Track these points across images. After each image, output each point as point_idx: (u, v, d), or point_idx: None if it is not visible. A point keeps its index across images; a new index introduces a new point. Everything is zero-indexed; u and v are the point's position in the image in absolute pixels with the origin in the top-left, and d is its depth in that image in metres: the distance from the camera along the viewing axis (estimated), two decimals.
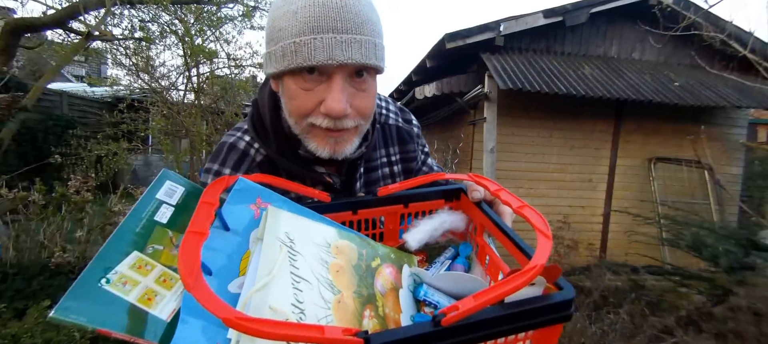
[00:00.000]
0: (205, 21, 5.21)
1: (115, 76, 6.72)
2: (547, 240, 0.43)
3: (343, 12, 0.56)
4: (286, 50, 0.57)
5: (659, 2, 4.38)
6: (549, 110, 4.64)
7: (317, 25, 0.55)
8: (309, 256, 0.49)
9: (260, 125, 0.73)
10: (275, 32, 0.58)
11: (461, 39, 4.34)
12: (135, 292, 0.44)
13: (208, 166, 0.74)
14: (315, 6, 0.55)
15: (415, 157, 0.93)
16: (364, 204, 0.63)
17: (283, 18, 0.57)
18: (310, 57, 0.55)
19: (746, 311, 2.19)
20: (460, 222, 0.64)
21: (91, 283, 0.43)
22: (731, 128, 5.16)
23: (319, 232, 0.54)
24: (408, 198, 0.65)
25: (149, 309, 0.43)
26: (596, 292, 2.91)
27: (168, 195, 0.54)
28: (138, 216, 0.50)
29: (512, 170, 4.68)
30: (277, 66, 0.59)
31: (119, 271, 0.45)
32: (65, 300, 0.40)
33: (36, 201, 2.84)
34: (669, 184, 4.94)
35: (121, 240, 0.47)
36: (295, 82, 0.60)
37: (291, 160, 0.70)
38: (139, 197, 0.51)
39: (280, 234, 0.49)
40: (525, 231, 0.54)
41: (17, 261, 2.72)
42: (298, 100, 0.60)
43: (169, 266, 0.48)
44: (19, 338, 1.69)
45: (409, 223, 0.65)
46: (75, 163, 5.53)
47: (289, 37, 0.56)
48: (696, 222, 3.08)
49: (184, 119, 4.58)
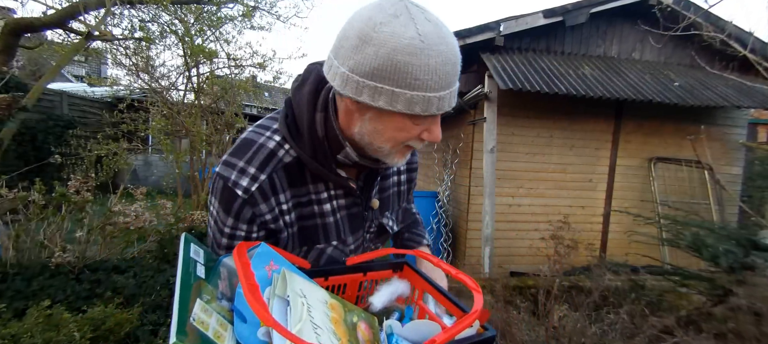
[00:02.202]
0: (205, 21, 5.22)
1: (115, 76, 6.73)
2: (479, 295, 0.63)
3: (457, 67, 0.66)
4: (420, 100, 0.63)
5: (659, 2, 4.38)
6: (549, 110, 4.64)
7: (448, 81, 0.64)
8: (317, 310, 0.62)
9: (294, 126, 0.75)
10: (405, 77, 0.62)
11: (461, 39, 4.34)
12: (210, 331, 0.54)
13: (232, 161, 0.73)
14: (448, 65, 0.63)
15: (416, 168, 0.99)
16: (334, 272, 0.76)
17: (419, 68, 0.61)
18: (440, 108, 0.65)
19: (746, 311, 2.19)
20: (406, 289, 0.80)
21: (185, 320, 0.52)
22: (731, 128, 5.16)
23: (318, 291, 0.67)
24: (367, 268, 0.79)
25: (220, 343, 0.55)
26: (596, 292, 2.91)
27: (196, 254, 0.65)
28: (187, 270, 0.60)
29: (512, 170, 4.68)
30: (401, 108, 0.64)
31: (196, 313, 0.54)
32: (178, 333, 0.49)
33: (36, 201, 2.84)
34: (669, 184, 4.94)
35: (186, 288, 0.57)
36: (411, 119, 0.67)
37: (321, 163, 0.74)
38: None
39: (298, 291, 0.62)
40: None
41: (17, 261, 2.72)
42: (409, 132, 0.69)
43: (219, 312, 0.58)
44: (19, 338, 1.69)
45: (364, 290, 0.80)
46: (75, 163, 5.53)
47: (426, 91, 0.63)
48: (696, 222, 3.08)
49: (184, 119, 4.58)
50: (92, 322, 1.94)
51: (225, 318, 0.57)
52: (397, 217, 0.96)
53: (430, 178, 6.00)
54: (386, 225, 0.91)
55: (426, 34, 0.60)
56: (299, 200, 0.77)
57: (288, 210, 0.75)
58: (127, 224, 3.01)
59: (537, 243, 4.37)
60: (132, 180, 6.46)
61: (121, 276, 2.68)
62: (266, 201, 0.72)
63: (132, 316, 2.16)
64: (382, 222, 0.90)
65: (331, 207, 0.80)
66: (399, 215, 0.97)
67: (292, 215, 0.76)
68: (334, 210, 0.80)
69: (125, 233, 3.06)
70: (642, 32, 4.78)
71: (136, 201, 3.25)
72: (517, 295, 3.19)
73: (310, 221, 0.78)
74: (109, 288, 2.56)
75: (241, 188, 0.71)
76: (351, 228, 0.83)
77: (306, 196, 0.77)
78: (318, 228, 0.79)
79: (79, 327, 1.84)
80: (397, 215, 0.96)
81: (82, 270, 2.70)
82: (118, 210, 3.04)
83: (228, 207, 0.72)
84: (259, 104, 9.06)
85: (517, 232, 4.76)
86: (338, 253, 0.82)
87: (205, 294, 0.58)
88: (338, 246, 0.82)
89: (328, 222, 0.80)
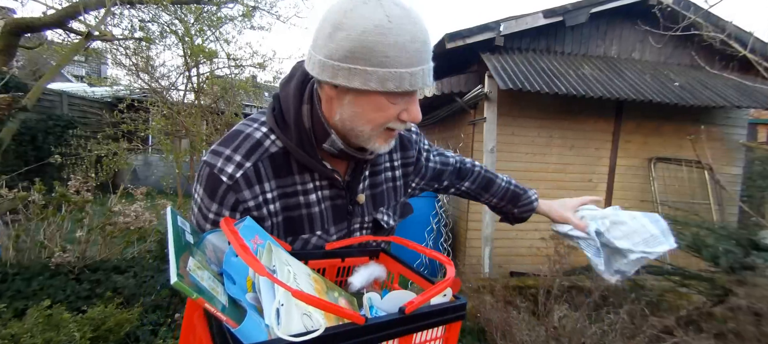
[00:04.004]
0: (205, 21, 5.22)
1: (115, 76, 6.73)
2: (451, 267, 0.68)
3: (428, 46, 0.69)
4: (392, 76, 0.67)
5: (659, 2, 4.38)
6: (549, 110, 4.64)
7: (418, 58, 0.68)
8: (301, 280, 0.65)
9: (281, 118, 0.78)
10: (377, 56, 0.66)
11: (461, 39, 4.34)
12: (205, 283, 0.56)
13: (219, 149, 0.75)
14: (417, 42, 0.67)
15: (413, 162, 1.00)
16: (313, 257, 0.79)
17: (389, 46, 0.65)
18: (413, 84, 0.68)
19: (746, 311, 2.19)
20: (383, 273, 0.84)
21: (181, 267, 0.54)
22: (731, 128, 5.16)
23: (302, 266, 0.71)
24: (345, 254, 0.83)
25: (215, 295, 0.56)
26: (596, 292, 2.91)
27: (183, 224, 0.67)
28: (177, 235, 0.61)
29: (512, 170, 4.68)
30: (375, 86, 0.67)
31: (191, 266, 0.56)
32: (178, 274, 0.51)
33: (36, 201, 2.84)
34: (669, 184, 4.94)
35: (179, 247, 0.58)
36: (387, 98, 0.70)
37: (307, 152, 0.77)
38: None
39: (284, 260, 0.65)
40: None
41: (17, 261, 2.72)
42: (388, 112, 0.72)
43: (210, 273, 0.60)
44: (19, 338, 1.69)
45: (343, 276, 0.83)
46: (75, 163, 5.53)
47: (395, 66, 0.66)
48: (696, 222, 3.07)
49: (184, 119, 4.58)
50: (92, 322, 1.94)
51: (216, 278, 0.60)
52: (395, 211, 0.97)
53: None
54: (381, 221, 0.92)
55: (394, 16, 0.65)
56: (285, 191, 0.78)
57: (272, 199, 0.77)
58: (127, 224, 3.01)
59: (537, 243, 4.36)
60: (132, 181, 6.46)
61: (121, 276, 2.68)
62: (250, 188, 0.74)
63: (132, 316, 2.16)
64: (377, 217, 0.91)
65: (316, 198, 0.82)
66: (396, 210, 0.98)
67: (277, 205, 0.78)
68: (319, 200, 0.82)
69: (125, 233, 3.06)
70: (642, 32, 4.78)
71: (136, 201, 3.26)
72: (517, 295, 3.19)
73: (295, 211, 0.80)
74: (109, 288, 2.56)
75: (226, 174, 0.73)
76: (334, 218, 0.85)
77: (292, 187, 0.79)
78: (303, 219, 0.81)
79: (79, 327, 1.84)
80: (394, 210, 0.96)
81: (82, 270, 2.70)
82: (118, 210, 3.04)
83: (213, 193, 0.74)
84: (259, 104, 9.05)
85: (517, 232, 4.76)
86: (322, 243, 0.84)
87: (196, 257, 0.60)
88: (322, 236, 0.84)
89: (313, 213, 0.82)
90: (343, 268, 0.83)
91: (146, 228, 3.11)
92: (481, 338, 2.82)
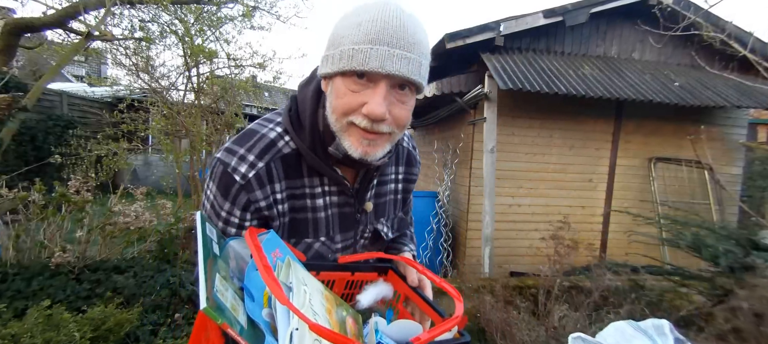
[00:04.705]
0: (205, 21, 5.21)
1: (115, 76, 6.72)
2: (460, 303, 0.66)
3: (400, 31, 0.63)
4: (343, 54, 0.64)
5: (659, 2, 4.38)
6: (549, 110, 4.64)
7: (376, 37, 0.63)
8: (315, 298, 0.66)
9: (297, 119, 0.78)
10: (337, 38, 0.66)
11: (461, 39, 4.34)
12: (228, 303, 0.57)
13: (233, 148, 0.75)
14: (377, 21, 0.63)
15: (415, 179, 0.99)
16: (325, 268, 0.79)
17: (347, 27, 0.65)
18: (364, 63, 0.63)
19: (746, 311, 2.19)
20: (390, 292, 0.83)
21: (210, 289, 0.55)
22: (731, 128, 5.16)
23: (316, 283, 0.71)
24: (355, 268, 0.83)
25: (236, 316, 0.58)
26: (596, 292, 2.91)
27: (210, 233, 0.67)
28: (206, 246, 0.62)
29: (512, 170, 4.68)
30: (332, 67, 0.67)
31: (217, 286, 0.57)
32: (207, 300, 0.52)
33: (36, 201, 2.84)
34: (669, 184, 4.94)
35: (207, 262, 0.59)
36: (345, 83, 0.67)
37: (318, 156, 0.76)
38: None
39: (300, 279, 0.66)
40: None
41: (17, 261, 2.72)
42: (345, 99, 0.67)
43: (233, 289, 0.61)
44: (19, 338, 1.69)
45: (351, 289, 0.83)
46: (75, 163, 5.53)
47: (348, 44, 0.64)
48: (696, 222, 3.08)
49: (184, 119, 4.58)
50: (92, 322, 1.94)
51: (237, 294, 0.61)
52: (393, 225, 0.96)
53: (430, 178, 6.00)
54: (381, 231, 0.92)
55: (367, 6, 0.65)
56: (293, 191, 0.78)
57: (282, 199, 0.77)
58: (127, 224, 3.01)
59: (537, 243, 4.37)
60: (132, 181, 6.46)
61: (121, 276, 2.68)
62: (262, 188, 0.74)
63: (132, 316, 2.16)
64: (377, 227, 0.91)
65: (323, 203, 0.81)
66: (394, 223, 0.97)
67: (285, 205, 0.78)
68: (326, 205, 0.81)
69: (125, 233, 3.06)
70: (642, 32, 4.78)
71: (136, 201, 3.25)
72: (517, 295, 3.19)
73: (301, 214, 0.80)
74: (109, 288, 2.56)
75: (239, 174, 0.73)
76: (341, 226, 0.84)
77: (300, 189, 0.79)
78: (308, 222, 0.80)
79: (79, 327, 1.84)
80: (392, 223, 0.96)
81: (82, 270, 2.70)
82: (118, 210, 3.04)
83: (226, 191, 0.74)
84: (259, 104, 9.04)
85: (517, 232, 4.76)
86: (325, 249, 0.83)
87: (221, 270, 0.62)
88: (326, 242, 0.83)
89: (319, 217, 0.81)
90: (352, 282, 0.83)
91: (146, 228, 3.10)
92: (481, 338, 2.82)
